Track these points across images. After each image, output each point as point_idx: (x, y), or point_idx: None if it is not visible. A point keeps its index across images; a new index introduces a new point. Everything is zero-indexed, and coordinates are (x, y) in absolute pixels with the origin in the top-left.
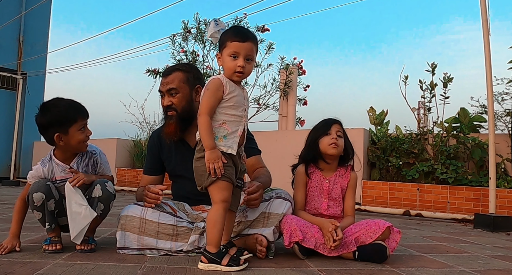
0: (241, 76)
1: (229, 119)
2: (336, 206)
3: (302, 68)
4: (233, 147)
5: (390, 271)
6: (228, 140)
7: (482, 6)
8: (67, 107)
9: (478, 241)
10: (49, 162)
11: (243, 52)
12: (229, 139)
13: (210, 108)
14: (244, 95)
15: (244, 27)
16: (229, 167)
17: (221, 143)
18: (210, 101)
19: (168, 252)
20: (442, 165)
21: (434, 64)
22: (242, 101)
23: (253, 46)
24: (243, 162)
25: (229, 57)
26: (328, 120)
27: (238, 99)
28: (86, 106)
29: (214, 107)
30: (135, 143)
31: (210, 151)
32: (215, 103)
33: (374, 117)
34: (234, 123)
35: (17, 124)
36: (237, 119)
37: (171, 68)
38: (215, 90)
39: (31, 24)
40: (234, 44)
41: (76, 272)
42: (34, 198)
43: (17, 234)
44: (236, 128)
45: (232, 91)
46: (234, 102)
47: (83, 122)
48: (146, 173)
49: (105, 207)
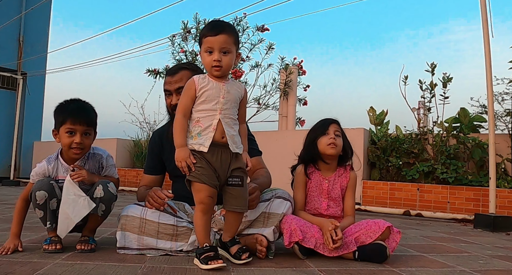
0: (220, 69)
1: (202, 115)
2: (336, 206)
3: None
4: (204, 144)
5: (390, 271)
6: (201, 137)
7: (482, 6)
8: (68, 107)
9: (478, 241)
10: (55, 161)
11: (217, 46)
12: (202, 136)
13: (183, 108)
14: (221, 88)
15: (220, 20)
16: (200, 167)
17: (194, 141)
18: (183, 100)
19: (168, 252)
20: (442, 165)
21: (433, 64)
22: (216, 94)
23: (227, 38)
24: (247, 165)
25: (205, 53)
26: (325, 120)
27: (210, 93)
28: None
29: (188, 106)
30: (135, 143)
31: (178, 149)
32: (188, 102)
33: (374, 117)
34: (207, 118)
35: (17, 124)
36: (210, 114)
37: (177, 66)
38: (187, 90)
39: (31, 24)
40: (207, 39)
41: (76, 272)
42: (37, 196)
43: (18, 234)
44: (209, 123)
45: (204, 86)
46: (206, 97)
47: (72, 127)
48: (147, 173)
49: (107, 207)
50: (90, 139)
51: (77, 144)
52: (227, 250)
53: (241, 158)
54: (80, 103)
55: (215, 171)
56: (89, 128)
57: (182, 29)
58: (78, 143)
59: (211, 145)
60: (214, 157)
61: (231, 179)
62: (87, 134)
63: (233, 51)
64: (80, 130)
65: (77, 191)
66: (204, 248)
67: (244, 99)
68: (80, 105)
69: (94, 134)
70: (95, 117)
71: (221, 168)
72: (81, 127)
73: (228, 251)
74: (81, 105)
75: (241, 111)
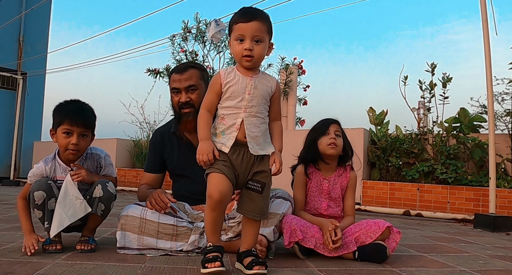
0: (251, 60)
1: (227, 112)
2: (336, 206)
3: (302, 68)
4: (226, 144)
5: (390, 271)
6: (224, 136)
7: (482, 6)
8: (67, 108)
9: (478, 241)
10: (53, 161)
11: (249, 34)
12: (226, 135)
13: (208, 103)
14: (248, 83)
15: (252, 7)
16: (221, 160)
17: (217, 139)
18: (207, 96)
19: (168, 252)
20: (442, 165)
21: (433, 64)
22: (241, 90)
23: (261, 25)
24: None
25: (236, 41)
26: (326, 120)
27: (235, 88)
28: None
29: (212, 102)
30: (135, 143)
31: (202, 142)
32: (213, 98)
33: (374, 117)
34: (231, 116)
35: (17, 124)
36: (234, 112)
37: (186, 65)
38: (212, 84)
39: (31, 24)
40: (238, 26)
41: (76, 272)
42: (35, 196)
43: (31, 229)
44: (233, 121)
45: (230, 81)
46: (231, 93)
47: (69, 128)
48: (148, 171)
49: (106, 207)
50: (87, 140)
51: (73, 145)
52: (241, 261)
53: (267, 161)
54: (79, 104)
55: (235, 169)
56: (87, 130)
57: (183, 29)
58: (75, 144)
59: (234, 143)
60: (234, 155)
61: (251, 183)
62: (84, 136)
63: (266, 40)
64: (77, 132)
65: (75, 193)
66: (208, 248)
67: (276, 94)
68: (79, 106)
69: (91, 136)
70: (93, 120)
71: (242, 168)
72: (78, 128)
73: (241, 262)
74: (80, 107)
75: (274, 108)
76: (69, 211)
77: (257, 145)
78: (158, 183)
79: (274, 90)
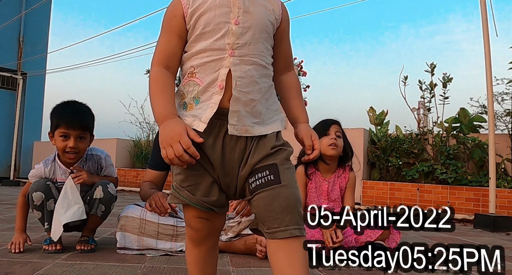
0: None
1: (199, 62)
2: (336, 207)
3: (302, 68)
4: (201, 116)
5: None
6: (199, 105)
7: (482, 6)
8: (63, 111)
9: (478, 241)
10: (52, 163)
11: None
12: (202, 102)
13: (165, 53)
14: (232, 3)
15: None
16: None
17: (188, 111)
18: (161, 42)
19: (168, 252)
20: (442, 165)
21: (433, 64)
22: (222, 18)
23: None
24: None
25: None
26: (326, 121)
27: (210, 16)
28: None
29: (173, 50)
30: (135, 143)
31: (165, 123)
32: (173, 43)
33: (374, 117)
34: (208, 67)
35: (17, 124)
36: (213, 57)
37: None
38: (168, 20)
39: (31, 24)
40: None
41: (76, 272)
42: (34, 197)
43: (24, 229)
44: (212, 76)
45: (199, 5)
46: (203, 25)
47: (66, 131)
48: (151, 168)
49: (106, 208)
50: (85, 143)
51: (71, 148)
52: None
53: (272, 139)
54: (75, 106)
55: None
56: (84, 132)
57: None
58: (72, 147)
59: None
60: (211, 139)
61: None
62: (81, 139)
63: None
64: (74, 135)
65: (75, 197)
66: None
67: (284, 24)
68: (76, 108)
69: (90, 138)
70: (91, 121)
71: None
72: (75, 131)
73: None
74: (77, 109)
75: (282, 47)
76: (65, 213)
77: (252, 115)
78: (161, 180)
79: (279, 16)
